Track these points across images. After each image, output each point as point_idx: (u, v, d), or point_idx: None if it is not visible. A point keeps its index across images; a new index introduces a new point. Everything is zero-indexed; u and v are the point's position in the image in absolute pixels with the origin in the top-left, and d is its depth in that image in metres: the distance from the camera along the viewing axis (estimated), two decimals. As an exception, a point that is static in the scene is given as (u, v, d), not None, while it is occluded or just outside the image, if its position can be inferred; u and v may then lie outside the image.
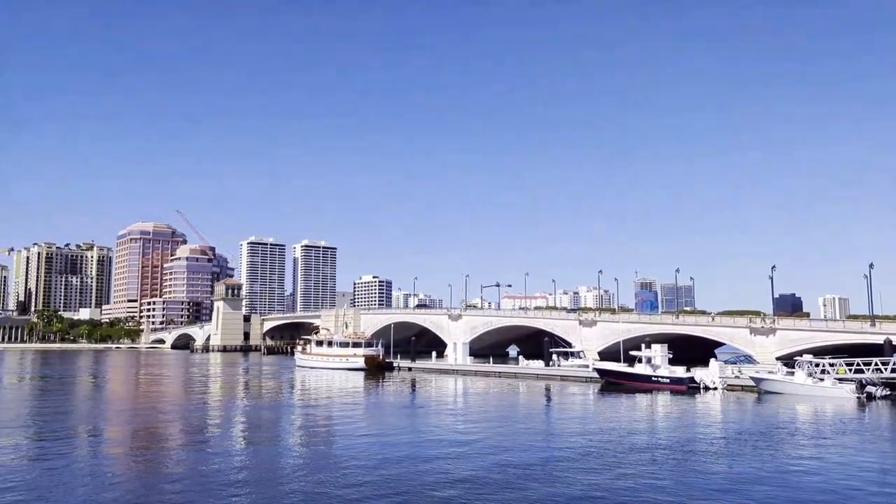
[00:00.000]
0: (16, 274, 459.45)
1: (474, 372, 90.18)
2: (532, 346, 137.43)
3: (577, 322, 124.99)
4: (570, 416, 48.16)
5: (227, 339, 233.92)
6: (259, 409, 53.44)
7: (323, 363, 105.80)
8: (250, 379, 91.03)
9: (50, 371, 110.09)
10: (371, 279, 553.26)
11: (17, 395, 65.34)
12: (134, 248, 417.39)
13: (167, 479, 25.51)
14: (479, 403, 56.18)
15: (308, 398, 62.40)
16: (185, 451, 32.40)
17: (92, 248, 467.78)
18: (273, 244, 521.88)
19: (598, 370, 73.32)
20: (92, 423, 43.63)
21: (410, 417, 46.30)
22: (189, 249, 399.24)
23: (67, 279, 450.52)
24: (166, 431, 39.76)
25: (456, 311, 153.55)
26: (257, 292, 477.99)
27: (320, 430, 40.50)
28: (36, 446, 33.46)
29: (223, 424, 43.14)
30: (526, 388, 69.49)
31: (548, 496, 22.58)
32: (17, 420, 44.56)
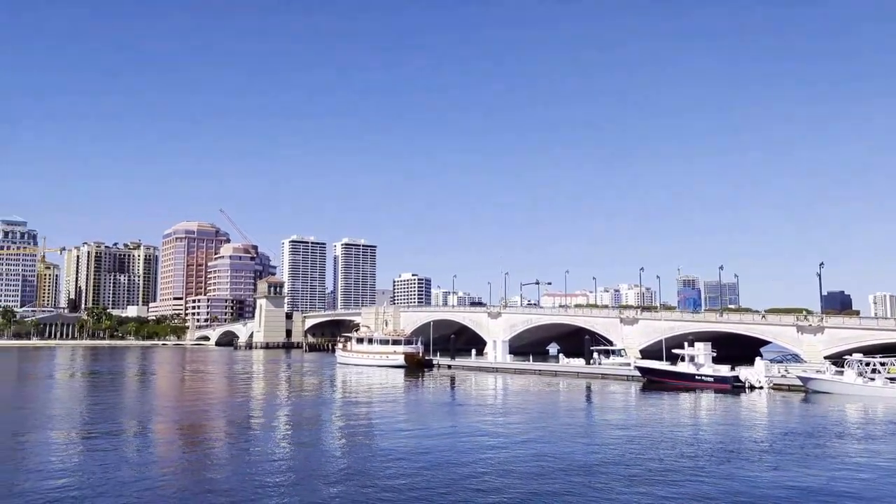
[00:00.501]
0: (67, 272, 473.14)
1: (514, 370, 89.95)
2: (572, 344, 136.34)
3: (618, 320, 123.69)
4: (612, 414, 47.71)
5: (269, 336, 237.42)
6: (301, 405, 54.15)
7: (363, 360, 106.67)
8: (292, 376, 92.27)
9: (100, 367, 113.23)
10: (410, 277, 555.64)
11: (69, 391, 67.34)
12: (179, 247, 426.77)
13: (213, 474, 26.06)
14: (518, 401, 56.02)
15: (349, 395, 63.00)
16: (230, 447, 33.03)
17: (139, 247, 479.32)
18: (314, 243, 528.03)
19: (640, 368, 72.47)
20: (140, 418, 44.74)
21: (450, 415, 46.42)
22: (232, 248, 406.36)
23: (116, 277, 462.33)
24: (212, 427, 40.58)
25: (495, 309, 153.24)
26: (298, 290, 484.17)
27: (361, 427, 40.87)
28: (88, 441, 34.44)
29: (267, 421, 43.82)
30: (566, 387, 69.06)
31: (588, 496, 22.42)
32: (70, 415, 45.95)
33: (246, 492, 22.72)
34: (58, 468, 26.66)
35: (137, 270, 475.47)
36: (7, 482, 24.32)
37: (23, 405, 53.37)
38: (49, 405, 52.85)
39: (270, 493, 22.50)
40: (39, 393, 64.28)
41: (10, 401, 57.51)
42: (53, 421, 42.13)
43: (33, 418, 44.07)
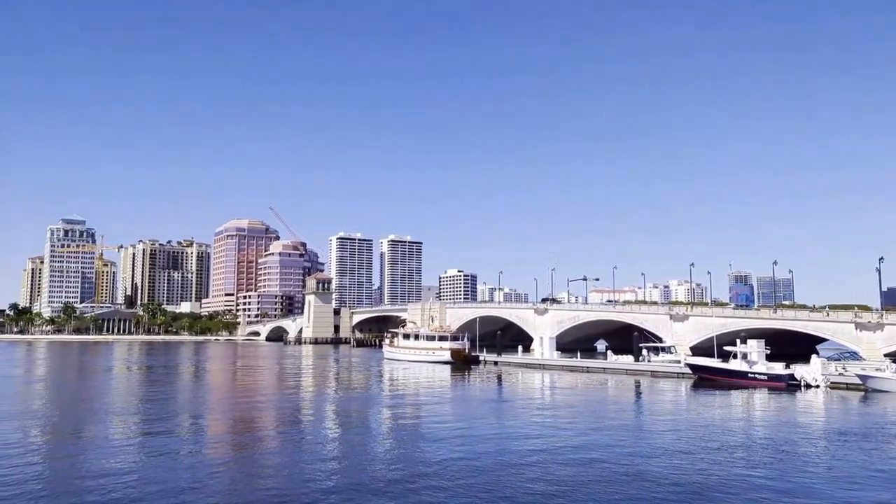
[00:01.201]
0: (123, 270, 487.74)
1: (561, 367, 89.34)
2: (621, 340, 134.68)
3: (667, 316, 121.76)
4: (661, 412, 46.99)
5: (318, 331, 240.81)
6: (350, 400, 54.80)
7: (410, 356, 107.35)
8: (341, 371, 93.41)
9: (155, 362, 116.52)
10: (456, 273, 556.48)
11: (127, 384, 69.48)
12: (230, 245, 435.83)
13: (264, 468, 26.59)
14: (566, 398, 55.63)
15: (396, 390, 63.48)
16: (280, 440, 33.64)
17: (192, 245, 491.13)
18: (361, 239, 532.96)
19: (691, 366, 71.20)
20: (194, 411, 45.90)
21: (497, 411, 46.37)
22: (282, 245, 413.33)
23: (170, 274, 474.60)
24: (263, 421, 41.39)
25: (542, 306, 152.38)
26: (346, 286, 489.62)
27: (408, 422, 41.15)
28: (145, 433, 35.52)
29: (316, 415, 44.49)
30: (614, 384, 68.28)
31: (637, 494, 22.15)
32: (127, 408, 47.45)
33: (296, 485, 23.13)
34: (116, 460, 27.55)
35: (190, 267, 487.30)
36: (69, 473, 25.25)
37: (84, 398, 55.34)
38: (108, 398, 54.67)
39: (320, 488, 22.85)
40: (99, 386, 66.50)
41: (73, 394, 59.68)
42: (112, 414, 43.55)
43: (94, 411, 45.63)
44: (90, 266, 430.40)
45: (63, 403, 51.36)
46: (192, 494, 21.62)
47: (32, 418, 41.75)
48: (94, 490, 22.12)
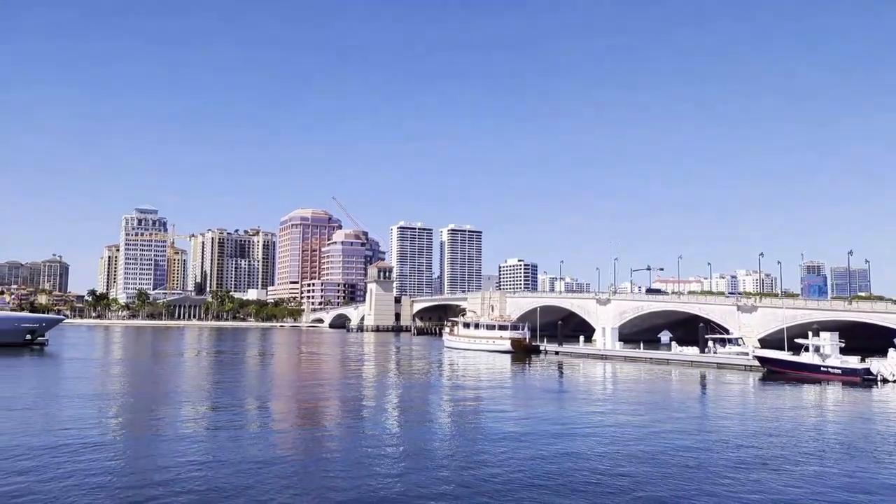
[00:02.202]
0: (193, 257, 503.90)
1: (623, 357, 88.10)
2: (685, 332, 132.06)
3: (735, 307, 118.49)
4: (728, 405, 45.77)
5: (379, 319, 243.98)
6: (410, 387, 55.36)
7: (470, 345, 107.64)
8: (402, 358, 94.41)
9: (224, 347, 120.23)
10: (516, 263, 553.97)
11: (197, 369, 71.92)
12: (295, 234, 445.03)
13: (325, 451, 27.16)
14: (628, 390, 54.83)
15: (456, 379, 63.77)
16: (343, 427, 34.25)
17: (258, 234, 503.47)
18: (421, 228, 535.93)
19: (760, 358, 69.15)
20: (261, 395, 47.19)
21: (557, 402, 46.09)
22: (344, 234, 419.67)
23: (237, 262, 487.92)
24: (326, 405, 42.22)
25: (604, 295, 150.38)
26: (406, 275, 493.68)
27: (469, 411, 41.30)
28: (213, 416, 36.74)
29: (378, 402, 45.11)
30: (679, 376, 66.91)
31: (701, 491, 21.67)
32: (197, 391, 49.15)
33: (359, 472, 23.52)
34: (187, 443, 28.59)
35: (257, 255, 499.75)
36: (142, 456, 26.32)
37: (158, 381, 57.59)
38: (180, 382, 56.74)
39: (382, 475, 23.17)
40: (172, 370, 69.06)
41: (147, 377, 62.20)
42: (184, 397, 45.19)
43: (167, 394, 47.44)
44: (162, 254, 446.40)
45: (138, 386, 53.60)
46: (259, 477, 22.24)
47: (110, 400, 43.72)
48: (165, 470, 23.02)
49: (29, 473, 22.04)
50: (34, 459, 24.07)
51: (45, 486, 20.44)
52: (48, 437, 28.37)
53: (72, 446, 26.48)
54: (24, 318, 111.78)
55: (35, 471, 22.39)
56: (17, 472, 22.24)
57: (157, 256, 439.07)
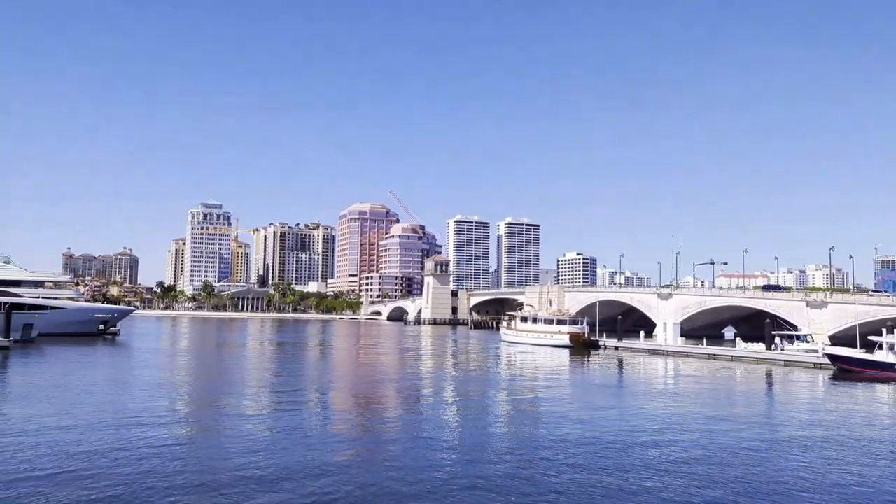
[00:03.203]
0: (256, 251, 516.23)
1: (686, 353, 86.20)
2: (751, 328, 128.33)
3: (803, 303, 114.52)
4: (796, 404, 44.22)
5: (436, 312, 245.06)
6: (468, 381, 55.41)
7: (528, 339, 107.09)
8: (459, 352, 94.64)
9: (285, 338, 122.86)
10: (575, 256, 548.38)
11: (260, 360, 73.69)
12: (353, 227, 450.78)
13: (384, 443, 27.40)
14: (690, 386, 53.59)
15: (514, 373, 63.55)
16: (401, 419, 34.53)
17: (318, 228, 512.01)
18: (478, 222, 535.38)
19: (830, 356, 66.59)
20: (321, 386, 48.01)
21: (617, 398, 45.42)
22: (401, 228, 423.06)
23: (298, 255, 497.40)
24: (385, 397, 42.67)
25: (666, 290, 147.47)
26: (463, 268, 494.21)
27: (526, 405, 41.08)
28: (274, 406, 37.52)
29: (435, 395, 45.31)
30: (744, 373, 65.05)
31: (765, 493, 20.98)
32: (260, 382, 50.35)
33: (417, 464, 23.66)
34: (250, 433, 29.30)
35: (317, 249, 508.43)
36: (207, 444, 27.08)
37: (222, 371, 59.30)
38: (244, 372, 58.26)
39: (439, 468, 23.24)
40: (235, 361, 70.96)
41: (212, 367, 64.10)
42: (247, 387, 46.38)
43: (231, 384, 48.79)
44: (226, 247, 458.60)
45: (204, 376, 55.27)
46: (319, 468, 22.62)
47: (177, 388, 45.23)
48: (228, 457, 23.63)
49: (101, 458, 22.94)
50: (106, 444, 25.06)
51: (117, 470, 21.24)
52: (120, 424, 29.49)
53: (141, 433, 27.48)
54: (98, 308, 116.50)
55: (106, 455, 23.30)
56: (89, 456, 23.17)
57: (221, 250, 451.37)
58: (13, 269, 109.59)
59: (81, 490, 19.03)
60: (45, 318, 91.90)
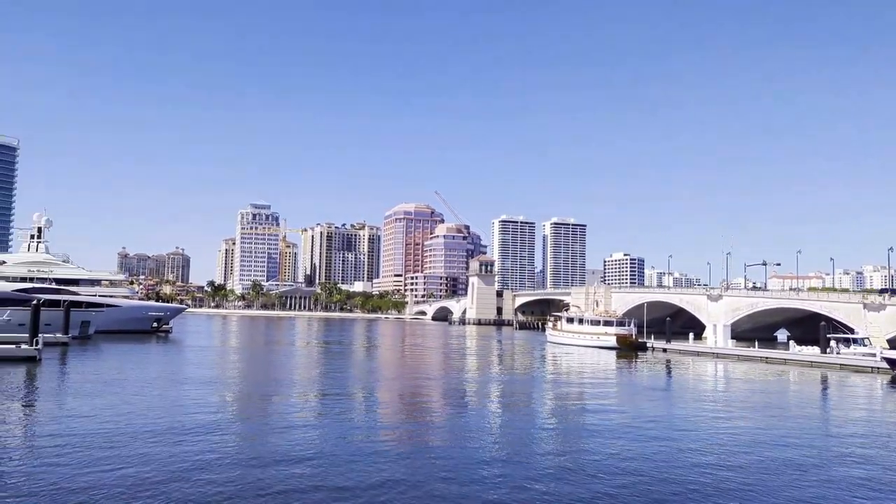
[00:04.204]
0: (303, 250, 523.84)
1: (736, 356, 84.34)
2: (804, 330, 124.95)
3: (861, 305, 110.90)
4: (852, 409, 42.83)
5: (481, 313, 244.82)
6: (513, 381, 55.23)
7: (574, 340, 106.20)
8: (504, 352, 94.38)
9: (332, 337, 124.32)
10: (622, 257, 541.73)
11: (307, 358, 74.70)
12: (398, 228, 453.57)
13: (428, 443, 27.48)
14: (741, 390, 52.40)
15: (559, 374, 63.08)
16: (445, 418, 34.62)
17: (363, 228, 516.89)
18: (523, 222, 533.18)
19: (889, 360, 64.37)
20: (366, 385, 48.43)
21: (665, 401, 44.69)
22: (446, 228, 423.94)
23: (344, 255, 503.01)
24: (430, 397, 42.82)
25: (716, 291, 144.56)
26: (508, 269, 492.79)
27: (572, 407, 40.73)
28: (321, 405, 37.99)
29: (480, 395, 45.26)
30: (797, 377, 63.31)
31: (824, 497, 20.38)
32: (307, 379, 51.06)
33: (460, 464, 23.69)
34: (298, 431, 29.77)
35: (362, 249, 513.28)
36: (254, 440, 27.58)
37: (270, 369, 60.34)
38: (291, 370, 59.15)
39: (483, 469, 23.22)
40: (283, 358, 72.10)
41: (260, 364, 65.27)
42: (294, 384, 47.10)
43: (279, 381, 49.59)
44: (275, 247, 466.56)
45: (253, 373, 56.32)
46: (367, 467, 22.82)
47: (227, 385, 46.18)
48: (275, 454, 24.04)
49: (154, 453, 23.59)
50: (159, 440, 25.75)
51: (167, 467, 21.80)
52: (172, 420, 30.27)
53: (192, 429, 28.14)
54: (152, 307, 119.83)
55: (159, 450, 23.95)
56: (142, 452, 23.85)
57: (269, 249, 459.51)
58: (72, 268, 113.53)
59: (135, 484, 19.58)
60: (102, 316, 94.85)
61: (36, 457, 22.47)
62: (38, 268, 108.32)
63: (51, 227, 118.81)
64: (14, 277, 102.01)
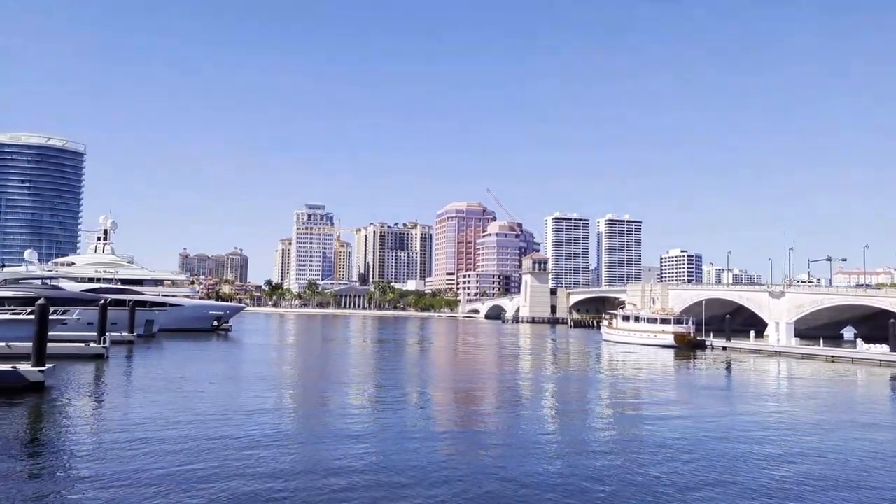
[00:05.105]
0: (357, 250, 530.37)
1: (800, 355, 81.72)
2: (872, 328, 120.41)
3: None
4: (926, 412, 41.01)
5: (534, 311, 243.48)
6: (568, 380, 54.73)
7: (630, 338, 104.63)
8: (558, 351, 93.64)
9: (386, 335, 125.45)
10: (679, 253, 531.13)
11: (363, 355, 75.56)
12: (451, 226, 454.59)
13: (484, 443, 27.44)
14: (806, 390, 50.75)
15: (616, 373, 62.24)
16: (500, 417, 34.49)
17: (416, 227, 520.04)
18: (577, 219, 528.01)
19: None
20: (421, 383, 48.69)
21: (725, 400, 43.61)
22: (498, 226, 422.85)
23: (397, 254, 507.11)
24: (484, 395, 42.77)
25: (778, 288, 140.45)
26: (562, 266, 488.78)
27: (628, 407, 40.12)
28: (376, 402, 38.34)
29: (535, 394, 45.00)
30: (865, 376, 60.97)
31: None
32: (363, 377, 51.63)
33: (517, 465, 23.60)
34: (355, 427, 30.13)
35: (415, 248, 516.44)
36: (314, 436, 28.02)
37: (327, 366, 61.27)
38: (347, 367, 59.94)
39: (539, 469, 23.09)
40: (340, 357, 73.11)
41: (318, 362, 66.34)
42: (351, 382, 47.69)
43: (335, 379, 50.32)
44: (329, 247, 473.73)
45: (310, 370, 57.30)
46: (421, 466, 22.95)
47: (286, 382, 47.14)
48: (334, 452, 24.39)
49: (215, 448, 24.21)
50: (221, 434, 26.44)
51: (229, 462, 22.35)
52: (233, 416, 31.04)
53: (252, 426, 28.80)
54: (212, 306, 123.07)
55: (220, 444, 24.59)
56: (204, 446, 24.51)
57: (324, 249, 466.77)
58: (136, 268, 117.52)
59: (200, 478, 20.15)
60: (165, 315, 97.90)
61: (106, 449, 23.34)
62: (105, 269, 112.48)
63: (116, 230, 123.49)
64: (82, 278, 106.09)
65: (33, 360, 38.18)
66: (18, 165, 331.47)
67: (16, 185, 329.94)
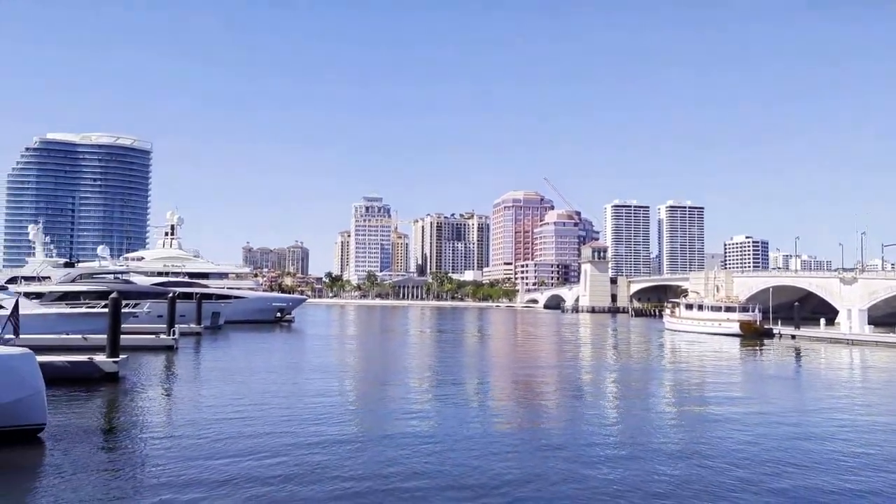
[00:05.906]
0: (414, 241, 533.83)
1: (875, 343, 78.47)
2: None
3: None
4: None
5: (594, 300, 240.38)
6: (630, 370, 53.91)
7: (693, 327, 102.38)
8: (619, 340, 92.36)
9: (445, 325, 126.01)
10: (744, 240, 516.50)
11: (422, 345, 76.10)
12: (508, 216, 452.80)
13: (546, 434, 27.25)
14: (881, 380, 48.73)
15: (679, 362, 61.04)
16: (560, 408, 34.25)
17: (472, 217, 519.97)
18: (637, 206, 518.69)
19: None
20: (481, 373, 48.74)
21: (794, 391, 42.26)
22: (556, 215, 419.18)
23: (454, 245, 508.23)
24: (544, 385, 42.54)
25: (849, 274, 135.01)
26: (622, 255, 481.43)
27: (694, 396, 39.27)
28: (436, 393, 38.51)
29: (596, 384, 44.47)
30: (947, 366, 58.13)
31: None
32: (423, 367, 51.96)
33: (575, 457, 23.40)
34: (416, 418, 30.39)
35: (472, 238, 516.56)
36: (375, 425, 28.38)
37: (387, 357, 61.98)
38: (407, 357, 60.48)
39: (599, 463, 22.83)
40: (399, 346, 73.84)
41: (378, 352, 67.20)
42: (411, 372, 48.09)
43: (396, 369, 50.85)
44: (387, 238, 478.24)
45: (371, 360, 58.09)
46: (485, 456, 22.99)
47: (349, 372, 47.92)
48: (394, 442, 24.65)
49: (280, 439, 24.81)
50: (286, 424, 27.07)
51: (294, 452, 22.85)
52: (296, 406, 31.74)
53: (316, 415, 29.37)
54: (276, 297, 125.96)
55: (285, 433, 25.17)
56: (271, 435, 25.13)
57: (382, 241, 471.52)
58: (202, 262, 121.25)
59: (267, 467, 20.68)
60: (230, 307, 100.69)
61: (178, 437, 24.19)
62: (172, 263, 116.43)
63: (182, 225, 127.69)
64: (151, 272, 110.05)
65: (108, 351, 39.85)
66: (90, 165, 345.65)
67: (88, 184, 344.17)
